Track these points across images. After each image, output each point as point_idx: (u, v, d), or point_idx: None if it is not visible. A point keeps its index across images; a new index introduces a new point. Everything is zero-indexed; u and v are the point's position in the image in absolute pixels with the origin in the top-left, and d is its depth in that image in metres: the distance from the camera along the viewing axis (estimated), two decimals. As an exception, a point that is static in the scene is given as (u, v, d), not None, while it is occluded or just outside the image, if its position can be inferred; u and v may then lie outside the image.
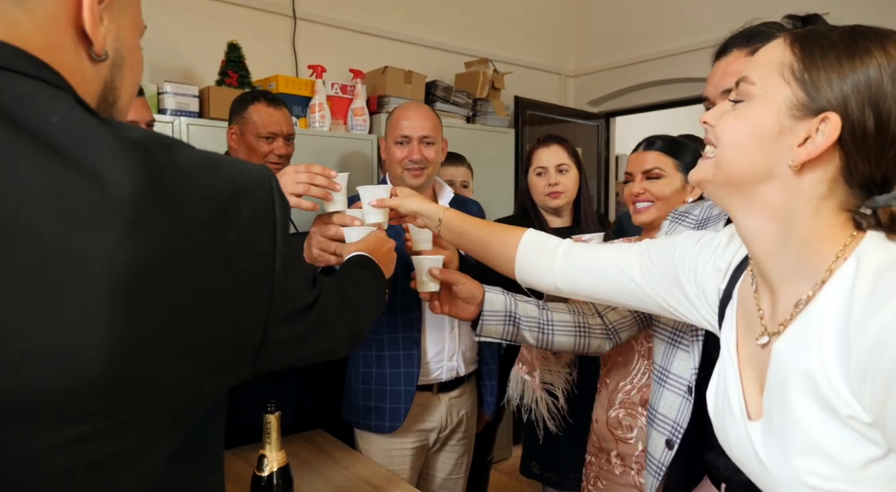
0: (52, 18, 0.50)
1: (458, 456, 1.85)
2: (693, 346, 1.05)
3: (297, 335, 0.64)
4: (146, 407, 0.48)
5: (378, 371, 1.70)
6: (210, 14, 2.76)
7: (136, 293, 0.44)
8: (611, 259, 0.99)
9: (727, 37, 1.04)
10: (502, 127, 3.42)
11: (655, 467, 1.09)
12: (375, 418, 1.70)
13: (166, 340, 0.47)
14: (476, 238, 1.16)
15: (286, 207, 0.58)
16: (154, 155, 0.47)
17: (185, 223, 0.47)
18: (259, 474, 1.13)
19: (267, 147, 1.87)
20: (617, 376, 1.51)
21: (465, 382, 1.80)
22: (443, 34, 3.57)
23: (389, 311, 1.70)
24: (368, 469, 1.53)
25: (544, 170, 1.88)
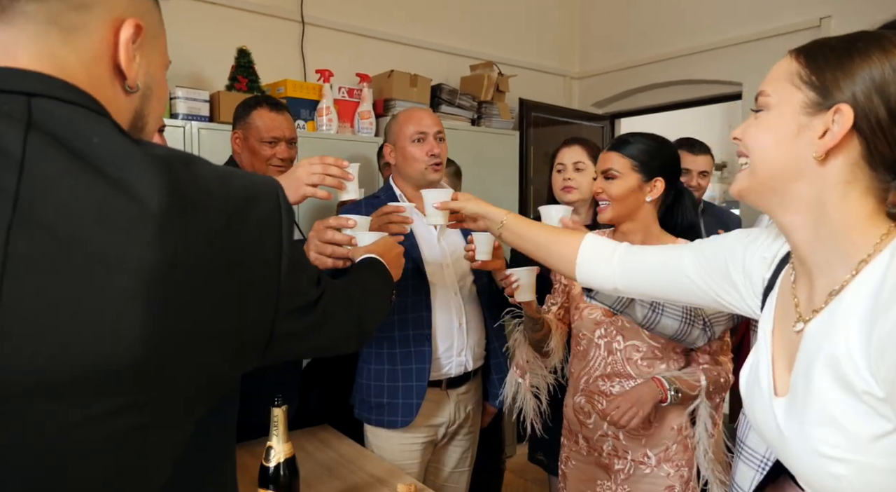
0: (94, 57, 0.59)
1: (464, 450, 1.90)
2: None
3: (303, 330, 0.70)
4: (171, 388, 0.54)
5: (390, 368, 1.75)
6: (220, 20, 2.83)
7: (163, 290, 0.51)
8: (666, 260, 1.05)
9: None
10: (507, 129, 3.46)
11: (759, 462, 1.10)
12: (389, 413, 1.74)
13: (188, 330, 0.54)
14: (536, 240, 1.21)
15: (291, 213, 0.64)
16: (177, 170, 0.55)
17: (204, 229, 0.55)
18: (266, 464, 1.18)
19: (270, 151, 1.91)
20: (578, 365, 1.60)
21: (471, 377, 1.85)
22: (448, 37, 3.61)
23: (400, 310, 1.75)
24: (373, 463, 1.58)
25: (563, 167, 2.01)
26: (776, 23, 3.24)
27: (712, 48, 3.54)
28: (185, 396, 0.56)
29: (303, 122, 2.76)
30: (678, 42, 3.71)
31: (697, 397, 1.43)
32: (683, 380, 1.43)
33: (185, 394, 0.56)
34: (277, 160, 1.93)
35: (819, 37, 2.74)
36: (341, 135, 2.83)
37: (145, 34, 0.62)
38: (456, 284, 1.81)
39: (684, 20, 3.69)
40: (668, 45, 3.76)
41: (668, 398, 1.41)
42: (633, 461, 1.51)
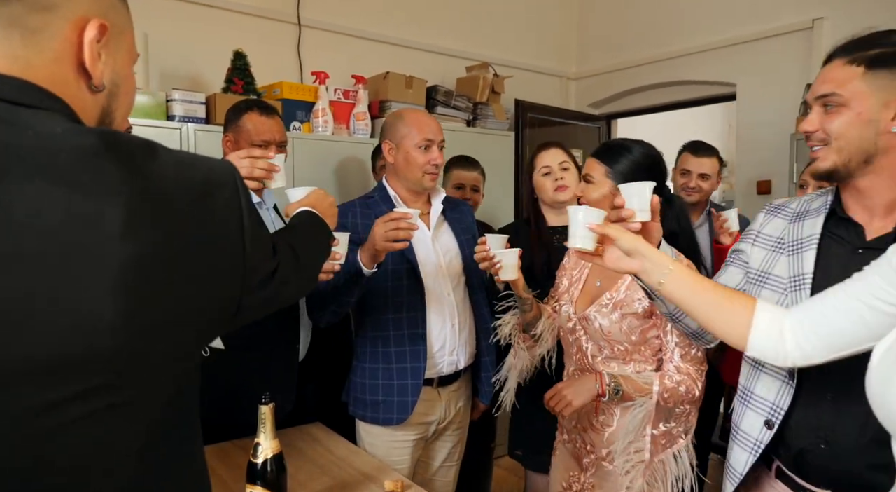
0: (57, 57, 0.61)
1: (453, 445, 1.94)
2: None
3: (266, 298, 0.74)
4: (145, 368, 0.58)
5: (385, 367, 1.78)
6: (216, 22, 2.86)
7: (136, 278, 0.55)
8: (856, 299, 0.92)
9: (835, 46, 1.10)
10: (502, 130, 3.49)
11: (752, 445, 1.16)
12: (384, 411, 1.77)
13: (162, 315, 0.58)
14: (703, 299, 1.06)
15: (247, 193, 0.68)
16: (140, 161, 0.58)
17: (170, 217, 0.58)
18: (254, 460, 1.20)
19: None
20: (565, 358, 1.68)
21: (461, 375, 1.89)
22: (444, 39, 3.64)
23: (395, 309, 1.78)
24: (362, 460, 1.61)
25: (549, 169, 2.02)
26: (770, 24, 3.26)
27: (707, 49, 3.57)
28: (158, 374, 0.60)
29: (299, 123, 2.79)
30: (674, 43, 3.74)
31: (646, 397, 1.42)
32: (631, 381, 1.44)
33: (158, 372, 0.60)
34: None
35: (812, 38, 2.78)
36: (337, 136, 2.85)
37: (110, 32, 0.64)
38: (449, 284, 1.84)
39: (680, 22, 3.71)
40: (664, 46, 3.78)
41: (604, 393, 1.43)
42: (597, 458, 1.54)
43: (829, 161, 1.07)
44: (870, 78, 1.01)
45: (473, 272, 1.89)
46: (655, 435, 1.45)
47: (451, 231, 1.91)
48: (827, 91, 1.04)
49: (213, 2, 2.84)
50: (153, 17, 2.67)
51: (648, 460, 1.44)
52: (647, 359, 1.50)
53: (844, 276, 1.05)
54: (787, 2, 3.20)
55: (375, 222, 1.58)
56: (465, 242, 1.91)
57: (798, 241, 1.15)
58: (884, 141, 1.03)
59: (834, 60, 1.07)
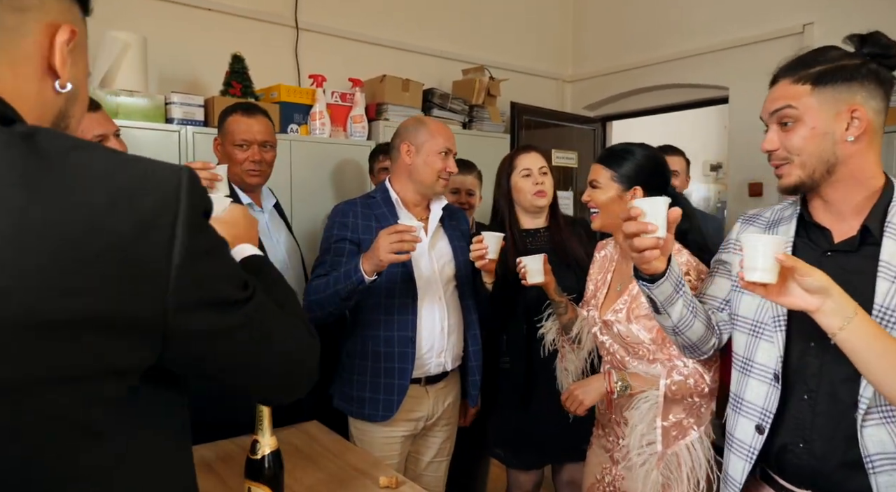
0: (25, 56, 0.65)
1: (442, 441, 1.97)
2: (776, 336, 1.15)
3: (219, 327, 0.67)
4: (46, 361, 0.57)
5: (374, 365, 1.82)
6: (215, 25, 2.89)
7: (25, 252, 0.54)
8: None
9: (778, 66, 1.16)
10: (498, 132, 3.53)
11: (747, 452, 1.19)
12: (370, 407, 1.81)
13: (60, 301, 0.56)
14: (885, 351, 0.97)
15: (196, 204, 0.64)
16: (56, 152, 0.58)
17: (78, 206, 0.57)
18: (252, 457, 1.24)
19: (242, 155, 1.92)
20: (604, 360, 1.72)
21: (448, 375, 1.93)
22: (440, 42, 3.68)
23: (387, 311, 1.82)
24: (357, 457, 1.65)
25: (530, 171, 2.02)
26: (761, 29, 3.31)
27: (700, 53, 3.61)
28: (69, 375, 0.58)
29: (296, 126, 2.82)
30: (668, 47, 3.78)
31: (654, 390, 1.48)
32: (639, 377, 1.52)
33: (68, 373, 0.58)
34: (249, 164, 1.93)
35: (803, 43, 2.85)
36: (334, 139, 2.89)
37: (77, 39, 0.68)
38: (441, 289, 1.88)
39: (674, 26, 3.75)
40: (659, 49, 3.83)
41: (613, 391, 1.52)
42: (627, 450, 1.59)
43: (793, 177, 1.11)
44: (817, 94, 1.07)
45: (465, 279, 1.94)
46: (666, 427, 1.49)
47: (447, 238, 1.95)
48: (781, 105, 1.09)
49: (211, 5, 2.88)
50: (152, 20, 2.70)
51: (661, 452, 1.48)
52: (671, 357, 1.51)
53: None
54: (778, 7, 3.25)
55: (379, 234, 1.61)
56: (458, 248, 1.94)
57: None
58: (841, 151, 1.07)
59: (780, 81, 1.12)
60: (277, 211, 2.12)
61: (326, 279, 1.74)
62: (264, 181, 2.00)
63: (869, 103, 1.07)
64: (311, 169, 2.77)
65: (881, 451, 1.03)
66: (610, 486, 1.63)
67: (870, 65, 1.08)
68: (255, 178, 1.94)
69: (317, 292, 1.74)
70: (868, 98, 1.07)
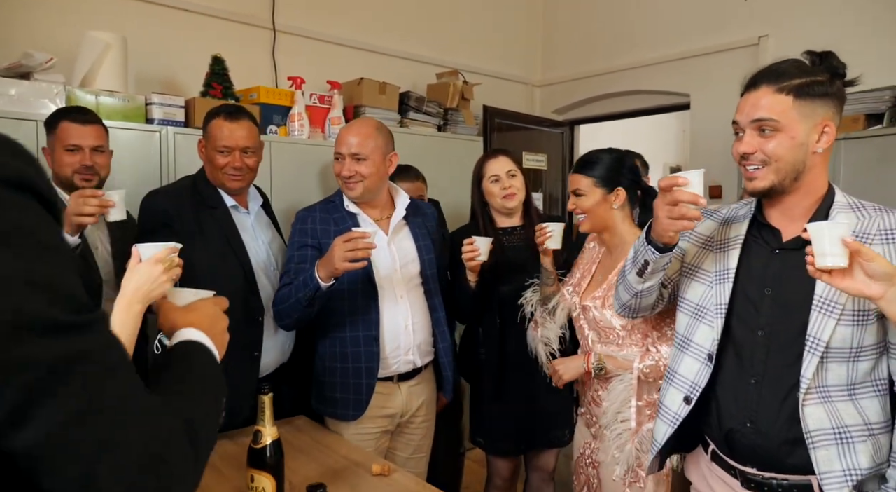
0: None
1: (420, 437, 2.02)
2: (716, 322, 1.27)
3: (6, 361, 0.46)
4: None
5: (342, 366, 1.87)
6: (193, 27, 2.90)
7: None
8: None
9: (755, 72, 1.22)
10: (471, 135, 3.62)
11: (671, 417, 1.33)
12: (341, 407, 1.87)
13: None
14: None
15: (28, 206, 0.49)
16: None
17: None
18: (255, 446, 1.30)
19: (223, 160, 1.89)
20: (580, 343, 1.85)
21: (422, 371, 1.98)
22: (416, 46, 3.75)
23: (351, 311, 1.86)
24: (348, 447, 1.71)
25: (498, 177, 2.12)
26: (720, 40, 3.49)
27: (663, 61, 3.78)
28: None
29: (275, 127, 2.86)
30: (633, 55, 3.94)
31: (627, 373, 1.64)
32: (615, 359, 1.67)
33: None
34: (231, 169, 1.90)
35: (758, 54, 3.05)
36: (313, 140, 2.93)
37: None
38: (403, 287, 1.92)
39: (638, 35, 3.92)
40: (624, 57, 3.99)
41: (590, 370, 1.70)
42: (600, 427, 1.74)
43: (767, 180, 1.19)
44: (798, 106, 1.16)
45: (431, 277, 1.99)
46: (640, 406, 1.63)
47: (412, 236, 1.99)
48: (765, 116, 1.17)
49: (189, 6, 2.89)
50: (130, 20, 2.70)
51: (635, 429, 1.61)
52: (639, 344, 1.67)
53: (763, 272, 1.24)
54: (736, 20, 3.44)
55: (334, 242, 1.64)
56: (423, 247, 1.98)
57: (725, 240, 1.32)
58: (810, 160, 1.19)
59: (761, 87, 1.18)
60: (267, 211, 2.14)
61: (289, 288, 1.78)
62: (246, 185, 1.99)
63: (834, 119, 1.18)
64: (291, 170, 2.80)
65: (820, 427, 1.15)
66: (589, 458, 1.79)
67: (837, 83, 1.19)
68: (235, 183, 1.93)
69: (282, 301, 1.80)
70: (834, 114, 1.18)
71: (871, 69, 2.95)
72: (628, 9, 3.96)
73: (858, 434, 1.14)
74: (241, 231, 1.93)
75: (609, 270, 1.76)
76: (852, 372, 1.15)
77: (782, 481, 1.21)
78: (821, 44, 3.50)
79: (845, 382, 1.15)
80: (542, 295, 1.95)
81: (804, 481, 1.19)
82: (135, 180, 2.38)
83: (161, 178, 2.47)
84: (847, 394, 1.16)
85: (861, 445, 1.14)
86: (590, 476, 1.78)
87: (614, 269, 1.73)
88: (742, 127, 1.21)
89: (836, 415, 1.15)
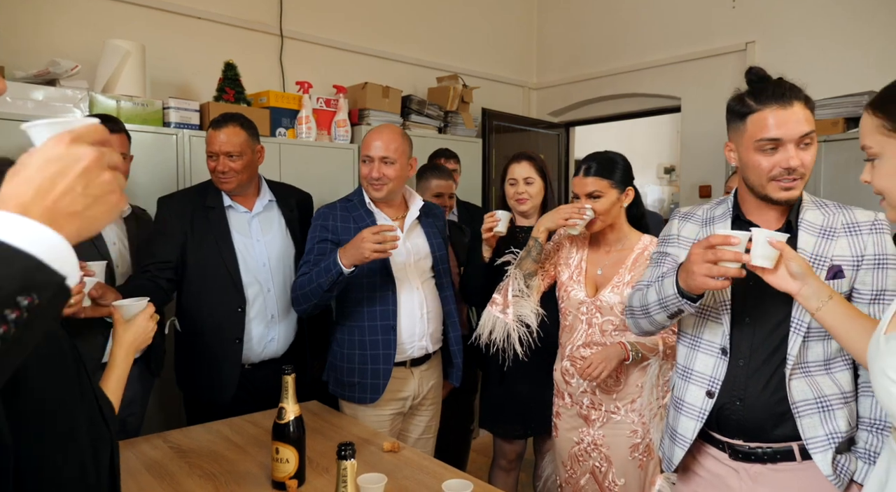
0: None
1: (428, 419, 2.18)
2: (724, 318, 1.38)
3: None
4: None
5: (360, 352, 2.01)
6: (206, 34, 3.03)
7: None
8: None
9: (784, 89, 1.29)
10: (471, 136, 3.76)
11: (697, 413, 1.41)
12: (359, 391, 2.01)
13: None
14: (852, 326, 1.15)
15: None
16: None
17: None
18: (280, 422, 1.43)
19: (212, 164, 2.10)
20: (565, 336, 1.98)
21: (431, 357, 2.14)
22: (417, 51, 3.89)
23: (369, 302, 2.01)
24: (359, 428, 1.85)
25: (515, 181, 2.27)
26: (709, 45, 3.64)
27: (655, 65, 3.92)
28: None
29: (284, 129, 2.99)
30: (626, 59, 4.08)
31: (656, 356, 1.81)
32: (643, 344, 1.81)
33: None
34: (218, 173, 2.08)
35: (745, 59, 3.22)
36: (319, 142, 3.07)
37: None
38: (418, 280, 2.08)
39: (631, 39, 4.06)
40: (617, 61, 4.13)
41: (629, 357, 1.79)
42: (606, 412, 1.88)
43: (799, 190, 1.31)
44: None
45: (442, 271, 2.16)
46: (661, 384, 1.83)
47: (424, 234, 2.15)
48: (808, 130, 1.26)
49: (201, 14, 3.02)
50: (148, 29, 2.84)
51: (662, 404, 1.80)
52: None
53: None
54: (724, 26, 3.58)
55: (363, 232, 1.79)
56: (435, 244, 2.16)
57: None
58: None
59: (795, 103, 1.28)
60: (289, 209, 2.27)
61: (309, 275, 1.93)
62: (236, 186, 2.11)
63: None
64: (299, 170, 2.94)
65: (804, 398, 1.30)
66: (591, 446, 1.90)
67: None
68: (224, 184, 2.10)
69: (302, 287, 1.94)
70: None
71: (851, 74, 3.13)
72: (620, 15, 4.10)
73: (837, 402, 1.29)
74: (233, 230, 2.12)
75: (601, 264, 1.93)
76: (827, 349, 1.30)
77: (766, 450, 1.34)
78: (804, 50, 3.71)
79: (822, 358, 1.30)
80: (523, 270, 1.97)
81: (786, 447, 1.33)
82: (153, 180, 2.52)
83: (177, 177, 2.60)
84: (824, 368, 1.31)
85: (839, 411, 1.29)
86: (595, 462, 1.88)
87: (610, 263, 1.91)
88: (784, 142, 1.28)
89: (816, 387, 1.30)
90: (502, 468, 2.34)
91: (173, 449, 1.67)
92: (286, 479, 1.42)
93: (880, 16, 3.05)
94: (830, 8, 3.20)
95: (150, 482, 1.47)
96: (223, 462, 1.60)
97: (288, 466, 1.43)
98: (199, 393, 2.17)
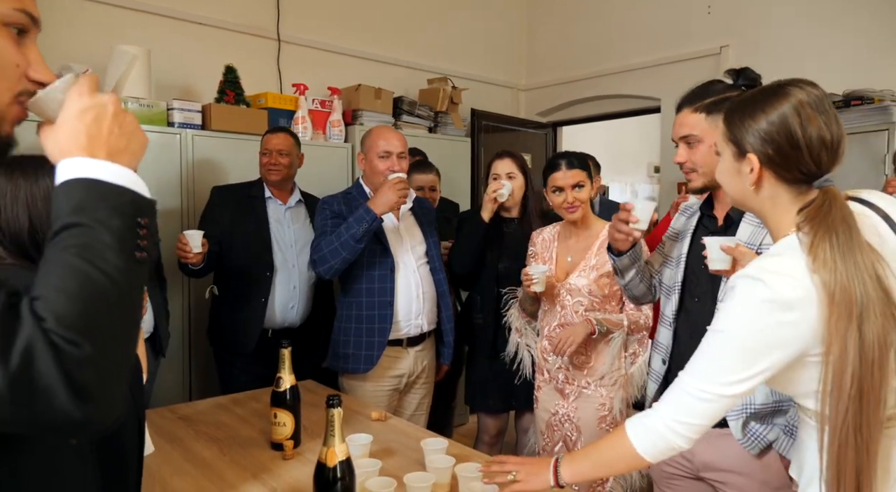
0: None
1: (422, 397, 2.37)
2: (674, 296, 1.58)
3: None
4: None
5: (357, 326, 2.21)
6: (208, 38, 3.20)
7: None
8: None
9: (681, 97, 1.52)
10: (460, 136, 3.93)
11: (656, 377, 1.63)
12: (353, 362, 2.20)
13: None
14: None
15: None
16: None
17: None
18: (277, 390, 1.60)
19: (265, 160, 2.59)
20: (545, 319, 2.18)
21: (426, 337, 2.33)
22: (409, 54, 4.06)
23: (368, 280, 2.21)
24: (351, 401, 2.02)
25: (497, 176, 2.46)
26: (686, 49, 3.82)
27: (637, 68, 4.10)
28: None
29: (281, 129, 3.16)
30: (609, 61, 4.26)
31: (621, 331, 2.00)
32: (608, 319, 1.99)
33: None
34: (270, 165, 2.58)
35: (720, 62, 3.43)
36: (315, 141, 3.24)
37: None
38: (415, 263, 2.29)
39: (614, 43, 4.24)
40: (602, 63, 4.30)
41: (595, 331, 1.96)
42: (578, 386, 2.06)
43: (699, 182, 1.50)
44: (709, 120, 1.44)
45: (436, 256, 2.37)
46: (625, 355, 2.03)
47: (417, 223, 2.38)
48: (687, 133, 1.48)
49: (204, 20, 3.18)
50: (153, 34, 3.00)
51: (627, 374, 2.01)
52: (614, 308, 2.05)
53: (701, 252, 1.48)
54: (700, 31, 3.76)
55: (385, 184, 2.09)
56: (428, 232, 2.38)
57: (683, 231, 1.64)
58: None
59: (683, 109, 1.50)
60: (308, 210, 2.66)
61: (337, 231, 2.11)
62: (280, 179, 2.59)
63: None
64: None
65: None
66: (564, 416, 2.09)
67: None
68: (272, 175, 2.58)
69: (330, 244, 2.11)
70: None
71: (823, 76, 3.29)
72: (605, 19, 4.28)
73: None
74: (270, 217, 2.59)
75: (571, 251, 2.13)
76: None
77: None
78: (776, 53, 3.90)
79: None
80: (527, 312, 2.28)
81: None
82: (158, 176, 2.68)
83: (181, 173, 2.77)
84: None
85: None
86: (567, 431, 2.08)
87: (578, 250, 2.10)
88: (676, 142, 1.52)
89: None
90: (485, 443, 2.51)
91: (181, 419, 1.84)
92: (284, 440, 1.59)
93: (847, 21, 3.23)
94: (800, 14, 3.38)
95: (160, 443, 1.64)
96: (226, 429, 1.77)
97: (285, 429, 1.60)
98: (228, 347, 2.55)
